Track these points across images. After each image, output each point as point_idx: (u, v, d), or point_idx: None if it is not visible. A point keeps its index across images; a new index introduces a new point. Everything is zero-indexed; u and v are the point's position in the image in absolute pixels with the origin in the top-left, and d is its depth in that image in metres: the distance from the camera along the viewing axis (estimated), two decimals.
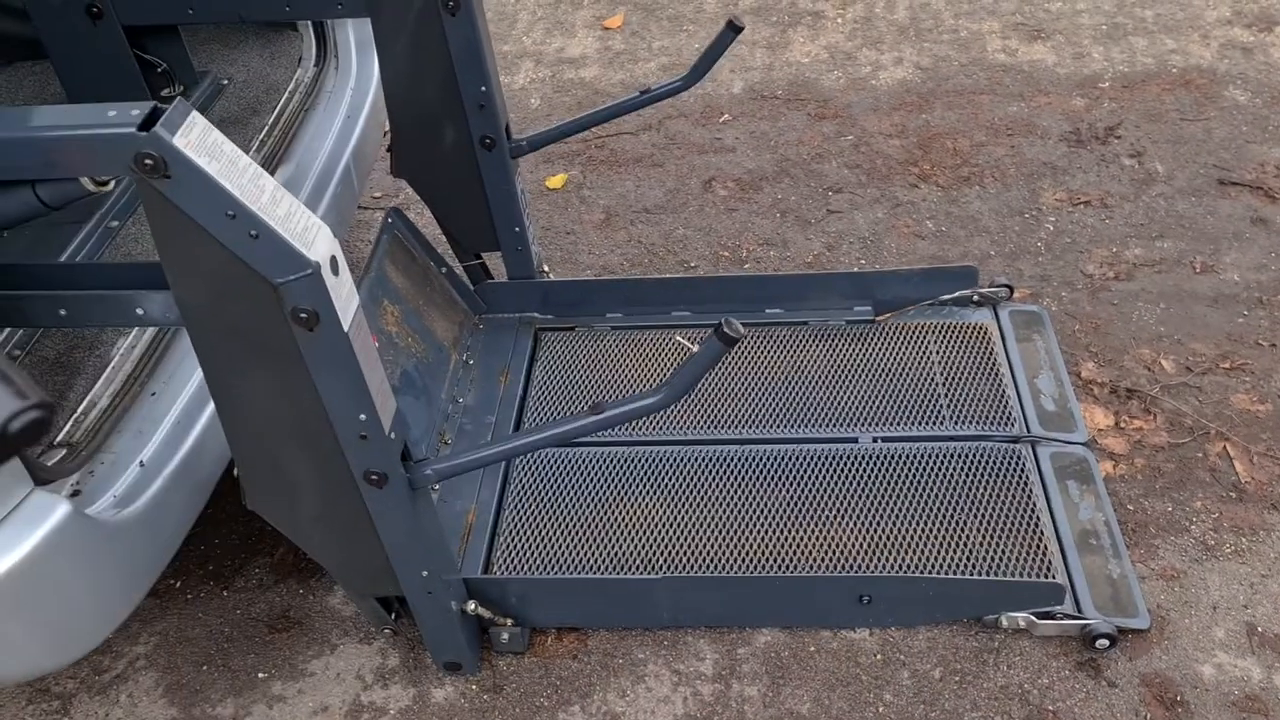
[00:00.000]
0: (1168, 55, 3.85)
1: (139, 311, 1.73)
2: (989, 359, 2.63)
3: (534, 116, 3.92)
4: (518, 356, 2.76)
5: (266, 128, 2.64)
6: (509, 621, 2.17)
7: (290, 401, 1.63)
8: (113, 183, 1.66)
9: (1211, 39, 3.90)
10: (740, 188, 3.45)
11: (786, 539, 2.28)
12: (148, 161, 1.34)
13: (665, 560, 2.27)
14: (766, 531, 2.30)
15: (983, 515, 2.28)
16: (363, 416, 1.66)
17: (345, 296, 1.55)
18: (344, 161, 2.65)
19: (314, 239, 1.48)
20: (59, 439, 1.80)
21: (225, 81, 2.82)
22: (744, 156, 3.59)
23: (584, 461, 2.49)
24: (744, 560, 2.26)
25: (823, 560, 2.24)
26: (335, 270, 1.52)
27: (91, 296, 1.73)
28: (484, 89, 2.42)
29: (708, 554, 2.27)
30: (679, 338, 1.78)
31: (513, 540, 2.33)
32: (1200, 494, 2.39)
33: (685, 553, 2.28)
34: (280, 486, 1.80)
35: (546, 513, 2.39)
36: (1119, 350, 2.74)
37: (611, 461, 2.48)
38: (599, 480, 2.44)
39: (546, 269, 2.90)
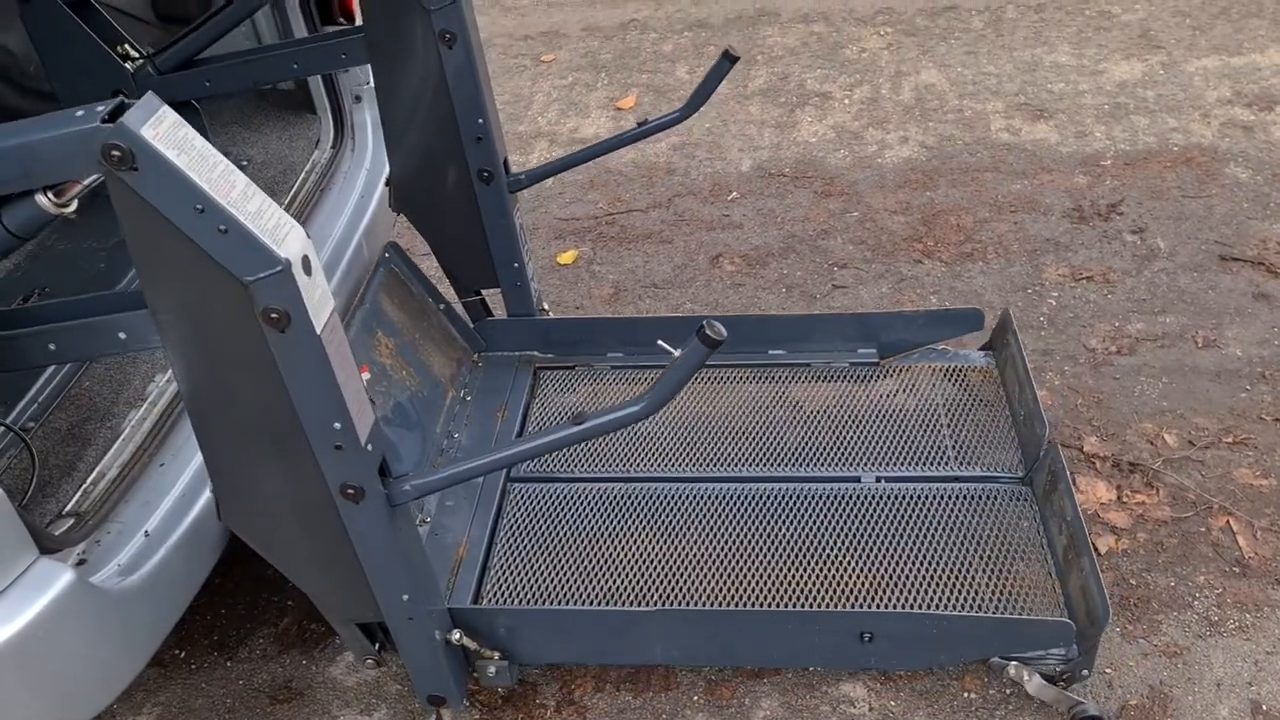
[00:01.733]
0: (1169, 134, 3.91)
1: (121, 336, 1.72)
2: (995, 401, 2.62)
3: (547, 194, 4.02)
4: (516, 393, 2.74)
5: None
6: (496, 655, 2.10)
7: (263, 408, 1.58)
8: (75, 204, 1.63)
9: (1212, 118, 3.97)
10: (747, 263, 3.51)
11: (786, 577, 2.24)
12: (115, 153, 1.33)
13: (661, 598, 2.22)
14: (765, 570, 2.26)
15: (989, 557, 2.26)
16: (337, 425, 1.61)
17: (318, 299, 1.51)
18: (356, 238, 2.73)
19: (285, 236, 1.46)
20: (67, 508, 1.84)
21: (245, 162, 2.92)
22: (751, 233, 3.65)
23: (580, 498, 2.47)
24: (741, 598, 2.22)
25: (823, 599, 2.20)
26: (308, 270, 1.49)
27: (76, 327, 1.73)
28: (481, 121, 2.43)
29: (705, 592, 2.23)
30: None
31: (504, 575, 2.29)
32: (1203, 569, 2.37)
33: (682, 590, 2.23)
34: (255, 501, 1.74)
35: (540, 548, 2.35)
36: (1121, 424, 2.75)
37: (608, 498, 2.45)
38: (595, 517, 2.41)
39: (546, 306, 2.88)
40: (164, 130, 1.37)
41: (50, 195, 1.58)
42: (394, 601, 1.89)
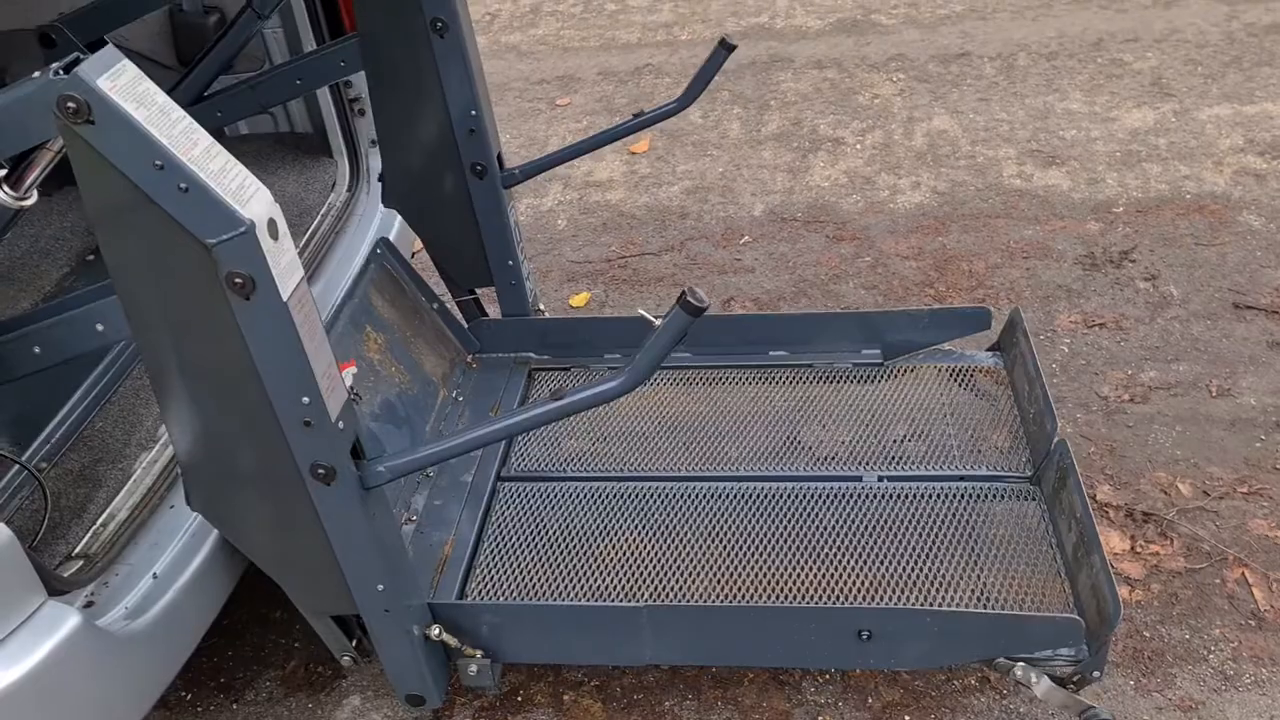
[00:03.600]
0: (1181, 181, 3.91)
1: (99, 328, 1.69)
2: (1003, 401, 2.56)
3: (560, 237, 4.04)
4: (510, 395, 2.68)
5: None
6: (478, 653, 2.02)
7: (230, 382, 1.53)
8: (34, 195, 1.61)
9: (1225, 166, 3.97)
10: (759, 307, 3.52)
11: (782, 577, 2.18)
12: (70, 105, 1.29)
13: (652, 598, 2.16)
14: (761, 569, 2.19)
15: (994, 556, 2.18)
16: (306, 399, 1.55)
17: (285, 265, 1.47)
18: None
19: (250, 197, 1.41)
20: (77, 550, 1.85)
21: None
22: (763, 277, 3.67)
23: (572, 496, 2.41)
24: (736, 599, 2.15)
25: (820, 598, 2.14)
26: (274, 235, 1.44)
27: (56, 324, 1.71)
28: (474, 113, 2.38)
29: (699, 592, 2.16)
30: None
31: (490, 573, 2.24)
32: (1218, 621, 2.35)
33: (675, 591, 2.17)
34: (225, 485, 1.69)
35: (529, 547, 2.28)
36: (1135, 474, 2.73)
37: (600, 497, 2.40)
38: (586, 516, 2.35)
39: (543, 307, 2.82)
40: (122, 83, 1.32)
41: (6, 188, 1.55)
42: (369, 592, 1.81)
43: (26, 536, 1.74)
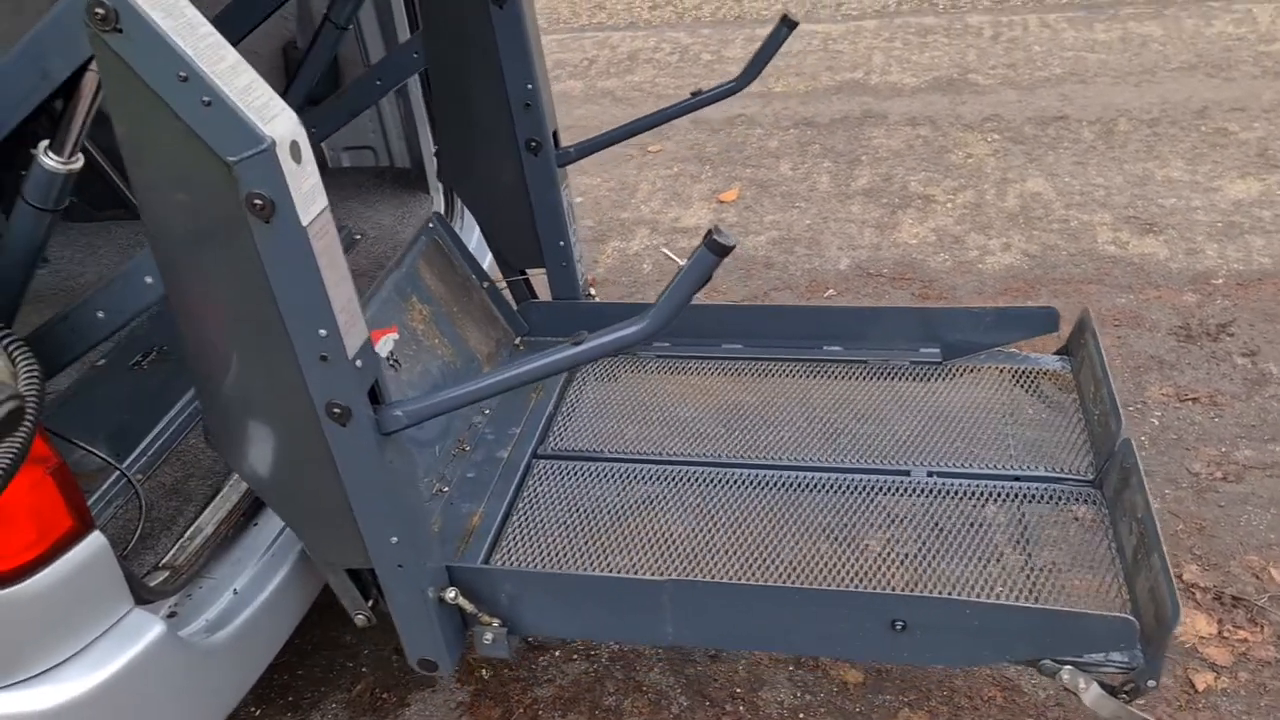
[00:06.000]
0: None
1: (148, 280, 1.72)
2: (1067, 405, 2.42)
3: (645, 281, 4.08)
4: (552, 379, 2.62)
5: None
6: (495, 621, 1.94)
7: (249, 312, 1.52)
8: (80, 158, 1.62)
9: None
10: None
11: (817, 565, 2.09)
12: (98, 11, 1.30)
13: (682, 578, 2.07)
14: (796, 556, 2.11)
15: (1047, 558, 2.05)
16: (323, 332, 1.53)
17: (307, 190, 1.45)
18: None
19: (274, 116, 1.39)
20: (164, 561, 1.90)
21: (359, 236, 3.04)
22: None
23: (607, 476, 2.36)
24: (767, 583, 2.08)
25: (855, 588, 2.04)
26: (297, 158, 1.42)
27: (109, 284, 1.74)
28: (530, 87, 2.36)
29: (729, 576, 2.09)
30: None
31: (516, 545, 2.19)
32: None
33: (705, 573, 2.09)
34: (242, 422, 1.67)
35: (559, 523, 2.23)
36: (1225, 555, 2.64)
37: (636, 478, 2.35)
38: (620, 495, 2.30)
39: (594, 291, 2.78)
40: None
41: (51, 154, 1.59)
42: (382, 544, 1.77)
43: (119, 545, 1.79)
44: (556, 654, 2.57)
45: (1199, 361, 3.33)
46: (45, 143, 1.61)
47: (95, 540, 1.60)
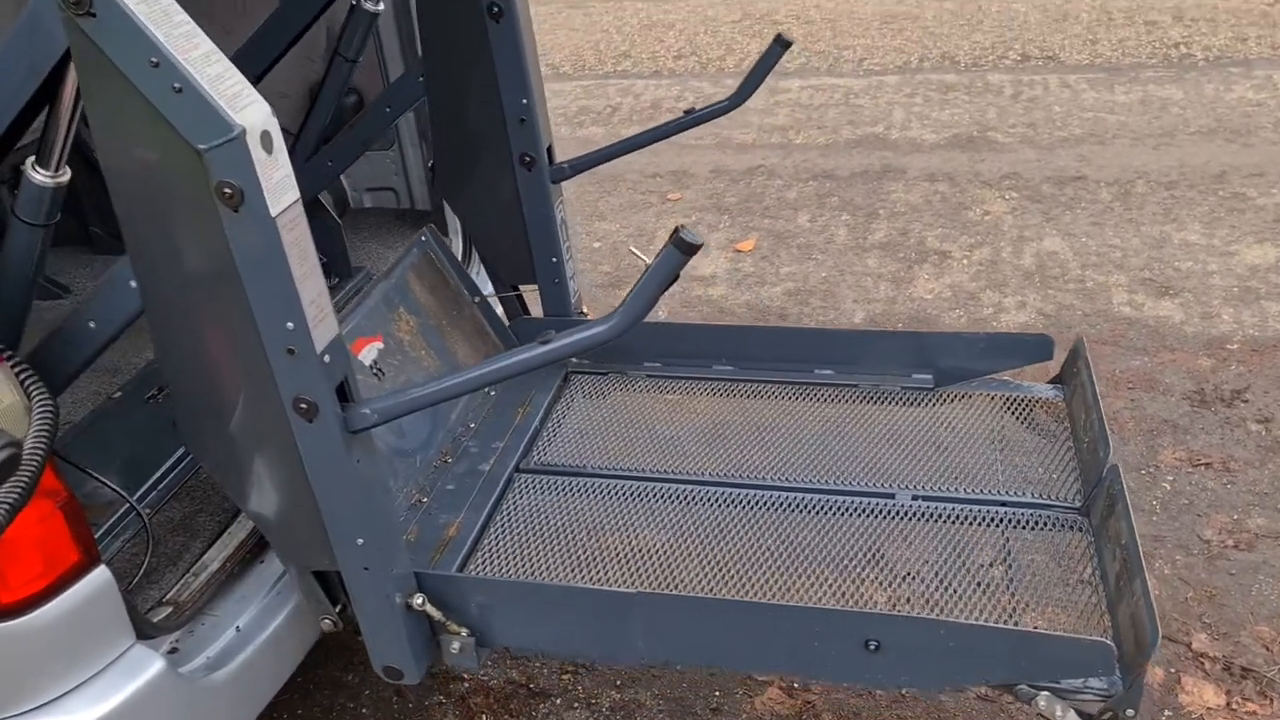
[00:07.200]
0: None
1: (132, 284, 1.70)
2: (1058, 434, 2.40)
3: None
4: (541, 393, 2.63)
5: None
6: (463, 631, 1.91)
7: (218, 301, 1.52)
8: (68, 171, 1.63)
9: None
10: None
11: (795, 584, 2.05)
12: None
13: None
14: (774, 575, 2.07)
15: (1029, 584, 2.02)
16: (290, 325, 1.52)
17: (277, 181, 1.45)
18: None
19: (245, 106, 1.39)
20: (168, 596, 1.91)
21: (375, 273, 3.07)
22: None
23: (588, 491, 2.35)
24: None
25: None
26: (268, 148, 1.43)
27: (96, 291, 1.74)
28: (525, 101, 2.37)
29: (703, 592, 2.05)
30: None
31: (491, 557, 2.16)
32: None
33: (681, 589, 2.06)
34: (212, 418, 1.66)
35: (537, 537, 2.21)
36: (1235, 624, 2.61)
37: (617, 494, 2.33)
38: (600, 511, 2.28)
39: (586, 309, 2.77)
40: None
41: (39, 168, 1.61)
42: (348, 545, 1.74)
43: (124, 579, 1.81)
44: (557, 702, 2.56)
45: (1212, 427, 3.31)
46: (32, 158, 1.63)
47: (100, 575, 1.61)
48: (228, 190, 1.41)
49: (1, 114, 1.55)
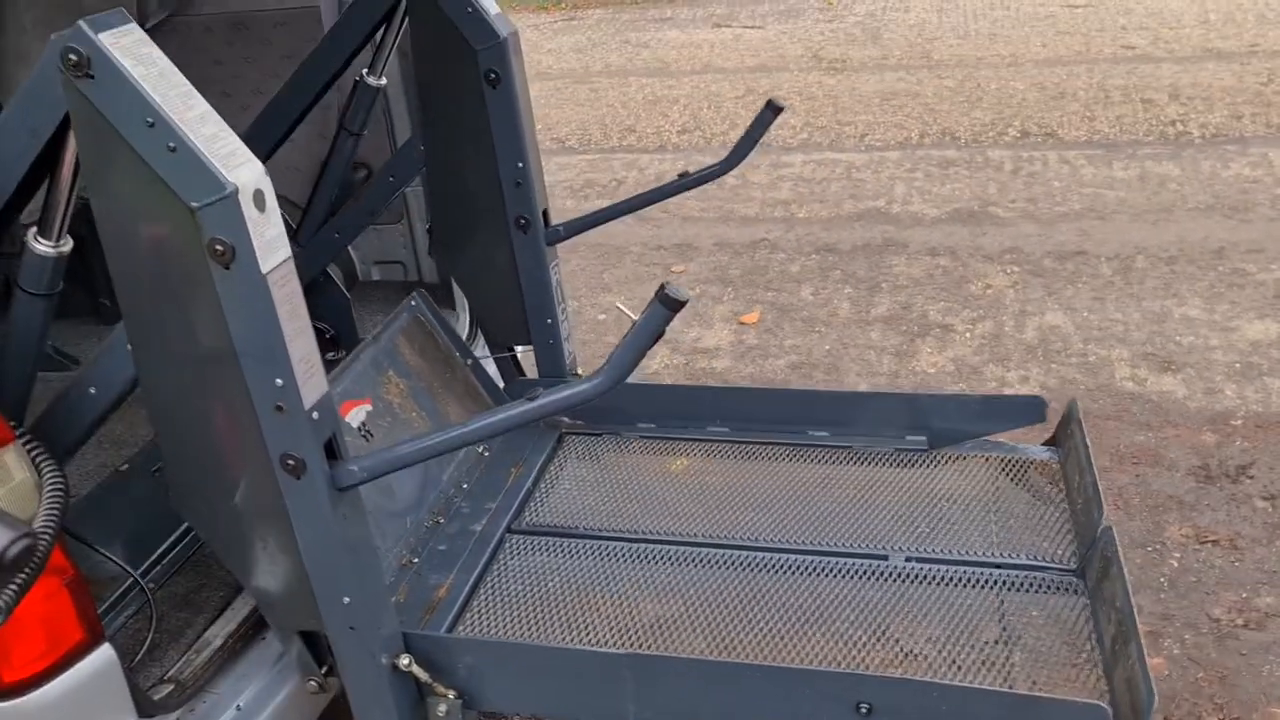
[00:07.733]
0: None
1: (130, 347, 1.68)
2: (1053, 496, 2.39)
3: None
4: (535, 454, 2.64)
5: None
6: (450, 693, 1.87)
7: (207, 358, 1.52)
8: (69, 241, 1.65)
9: None
10: None
11: (786, 646, 2.04)
12: (72, 57, 1.35)
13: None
14: (765, 637, 2.07)
15: (1025, 646, 2.01)
16: (279, 381, 1.53)
17: (269, 239, 1.47)
18: None
19: (238, 165, 1.42)
20: (169, 674, 1.90)
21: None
22: None
23: (580, 553, 2.35)
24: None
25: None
26: (260, 206, 1.45)
27: (96, 358, 1.74)
28: (521, 165, 2.41)
29: (695, 654, 2.04)
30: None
31: (481, 619, 2.15)
32: None
33: (672, 651, 2.05)
34: (201, 479, 1.66)
35: (528, 599, 2.20)
36: (1247, 706, 2.58)
37: (610, 555, 2.32)
38: (592, 573, 2.28)
39: (580, 371, 2.77)
40: (126, 42, 1.38)
41: (40, 239, 1.63)
42: (334, 605, 1.72)
43: (127, 656, 1.79)
44: None
45: (1219, 503, 3.31)
46: (34, 229, 1.65)
47: (104, 653, 1.60)
48: (219, 247, 1.43)
49: (5, 178, 1.58)
